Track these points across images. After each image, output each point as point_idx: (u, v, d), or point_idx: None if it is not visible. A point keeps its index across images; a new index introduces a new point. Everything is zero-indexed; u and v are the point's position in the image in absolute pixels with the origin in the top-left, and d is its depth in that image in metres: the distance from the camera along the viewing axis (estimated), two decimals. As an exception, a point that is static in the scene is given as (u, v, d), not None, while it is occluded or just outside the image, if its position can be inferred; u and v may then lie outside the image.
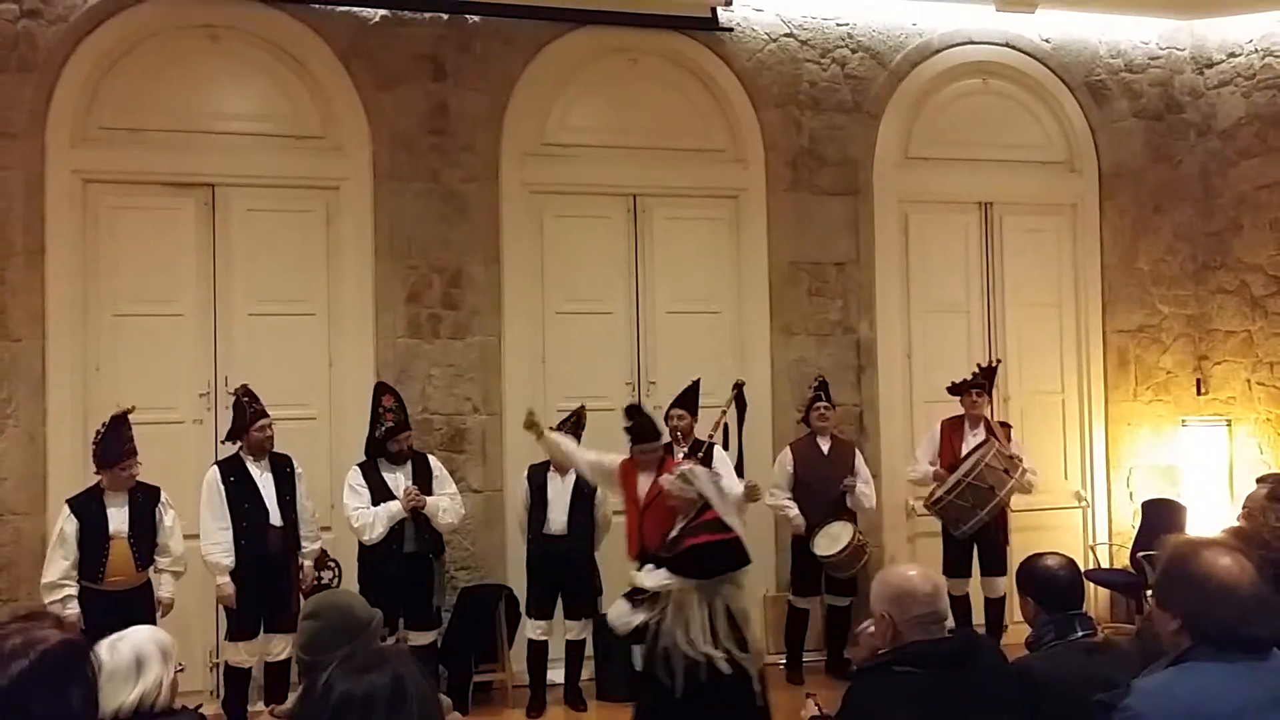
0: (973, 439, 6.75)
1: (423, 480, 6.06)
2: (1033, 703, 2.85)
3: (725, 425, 6.54)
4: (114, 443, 5.38)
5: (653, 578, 4.66)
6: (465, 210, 6.91)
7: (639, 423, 5.85)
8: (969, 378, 6.91)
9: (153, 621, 5.10)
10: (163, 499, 5.58)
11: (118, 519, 5.38)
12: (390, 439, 5.99)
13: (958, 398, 6.90)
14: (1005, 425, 7.03)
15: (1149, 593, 2.41)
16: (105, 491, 5.41)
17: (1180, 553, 2.28)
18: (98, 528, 5.33)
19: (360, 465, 6.04)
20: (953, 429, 6.88)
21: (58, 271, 6.34)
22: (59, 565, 5.28)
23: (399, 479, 6.00)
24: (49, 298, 6.31)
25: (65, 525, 5.32)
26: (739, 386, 6.55)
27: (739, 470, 6.56)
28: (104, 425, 5.45)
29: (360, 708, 1.70)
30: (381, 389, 6.22)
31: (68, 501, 5.45)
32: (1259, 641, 2.15)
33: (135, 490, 5.48)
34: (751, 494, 5.89)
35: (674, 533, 4.83)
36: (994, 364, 7.08)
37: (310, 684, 1.77)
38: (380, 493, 5.92)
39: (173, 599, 5.57)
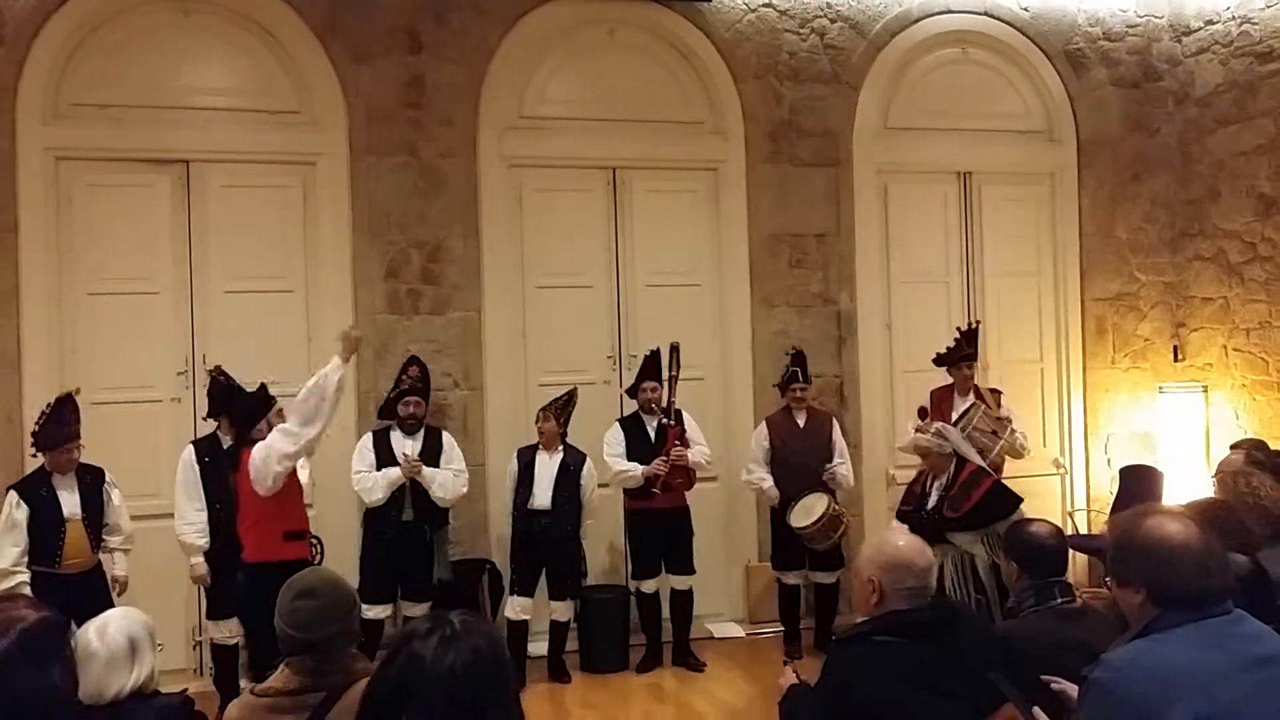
0: (961, 406, 6.76)
1: (431, 452, 6.13)
2: (1010, 668, 2.89)
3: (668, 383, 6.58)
4: (57, 425, 5.28)
5: (961, 540, 5.12)
6: (443, 185, 6.87)
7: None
8: (950, 346, 6.92)
9: (109, 601, 5.09)
10: (108, 479, 5.53)
11: (70, 502, 5.33)
12: (400, 400, 6.12)
13: (944, 368, 6.91)
14: (995, 391, 6.98)
15: (1106, 577, 2.41)
16: (52, 475, 5.34)
17: (1125, 527, 2.31)
18: (51, 512, 5.26)
19: (374, 432, 6.19)
20: (943, 397, 6.89)
21: (31, 250, 6.27)
22: (9, 553, 5.18)
23: (407, 448, 6.07)
24: (22, 276, 6.25)
25: (15, 512, 5.23)
26: (675, 349, 6.58)
27: None
28: (48, 407, 5.34)
29: (471, 672, 1.73)
30: (411, 361, 6.36)
31: (12, 487, 5.35)
32: (1222, 593, 2.17)
33: (81, 472, 5.42)
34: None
35: (935, 497, 5.34)
36: (974, 325, 7.00)
37: (392, 656, 1.77)
38: (387, 459, 6.02)
39: (127, 576, 5.55)
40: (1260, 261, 7.44)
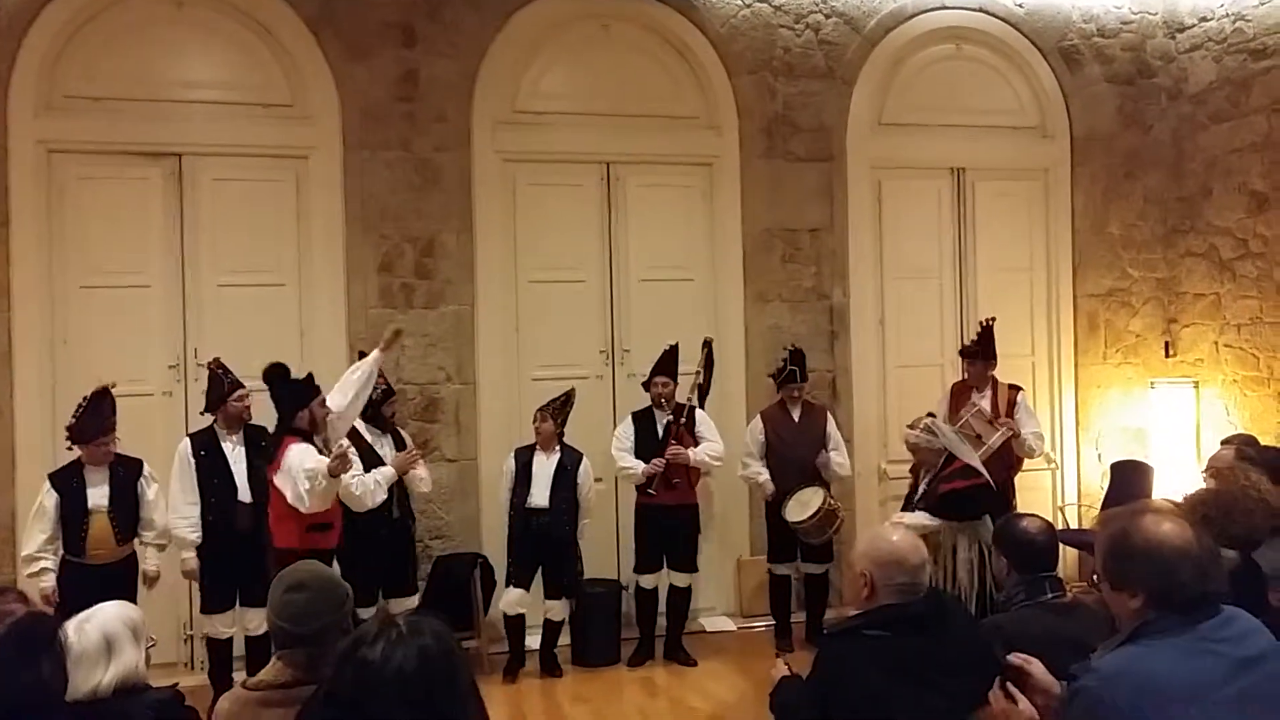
0: (979, 401, 6.75)
1: (399, 448, 6.09)
2: (1001, 663, 2.89)
3: (699, 386, 6.61)
4: (93, 419, 5.31)
5: (912, 519, 5.22)
6: (437, 179, 6.86)
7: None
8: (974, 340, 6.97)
9: (134, 594, 5.13)
10: (145, 472, 5.55)
11: (97, 494, 5.35)
12: (385, 402, 6.06)
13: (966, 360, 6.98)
14: (1014, 388, 6.94)
15: (1095, 577, 2.37)
16: (85, 466, 5.37)
17: (1120, 529, 2.24)
18: (77, 502, 5.31)
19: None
20: (960, 392, 6.91)
21: (23, 243, 6.24)
22: (36, 538, 5.28)
23: (384, 447, 6.03)
24: (14, 269, 6.23)
25: (45, 499, 5.32)
26: (708, 344, 6.63)
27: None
28: (85, 400, 5.36)
29: (420, 672, 1.74)
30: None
31: (49, 475, 5.42)
32: (1218, 595, 2.16)
33: (116, 464, 5.44)
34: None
35: (920, 491, 5.47)
36: (988, 323, 6.97)
37: (341, 664, 1.77)
38: (371, 460, 5.90)
39: (159, 571, 5.57)
40: (1252, 258, 7.46)
